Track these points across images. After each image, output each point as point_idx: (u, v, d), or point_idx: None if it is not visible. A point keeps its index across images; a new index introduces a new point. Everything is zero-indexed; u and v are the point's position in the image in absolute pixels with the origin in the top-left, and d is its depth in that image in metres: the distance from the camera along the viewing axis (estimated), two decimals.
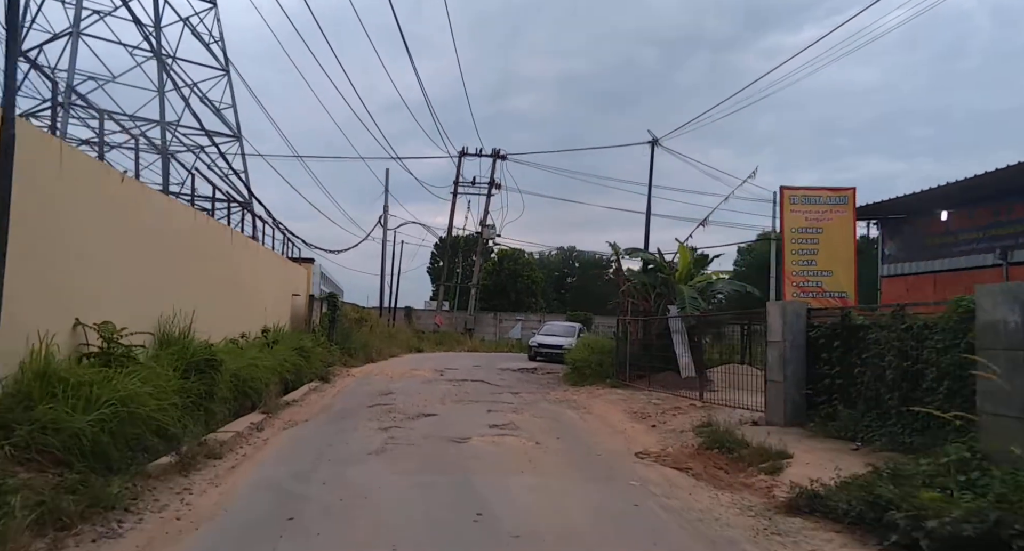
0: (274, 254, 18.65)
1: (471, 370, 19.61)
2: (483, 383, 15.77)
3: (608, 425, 9.79)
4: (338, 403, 11.88)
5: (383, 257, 34.95)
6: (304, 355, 15.80)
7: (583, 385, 15.27)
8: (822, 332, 8.14)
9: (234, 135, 31.00)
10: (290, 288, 20.34)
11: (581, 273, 65.38)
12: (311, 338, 18.39)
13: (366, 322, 27.92)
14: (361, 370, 19.08)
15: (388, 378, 16.73)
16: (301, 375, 14.82)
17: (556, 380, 17.23)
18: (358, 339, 23.43)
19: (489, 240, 37.08)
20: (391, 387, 14.39)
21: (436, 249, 61.50)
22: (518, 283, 46.46)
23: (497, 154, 36.35)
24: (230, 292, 13.68)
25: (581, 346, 17.25)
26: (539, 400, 12.66)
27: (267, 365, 12.20)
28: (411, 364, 21.37)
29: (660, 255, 15.95)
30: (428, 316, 38.13)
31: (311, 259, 23.57)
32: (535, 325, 38.24)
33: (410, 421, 9.67)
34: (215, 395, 9.11)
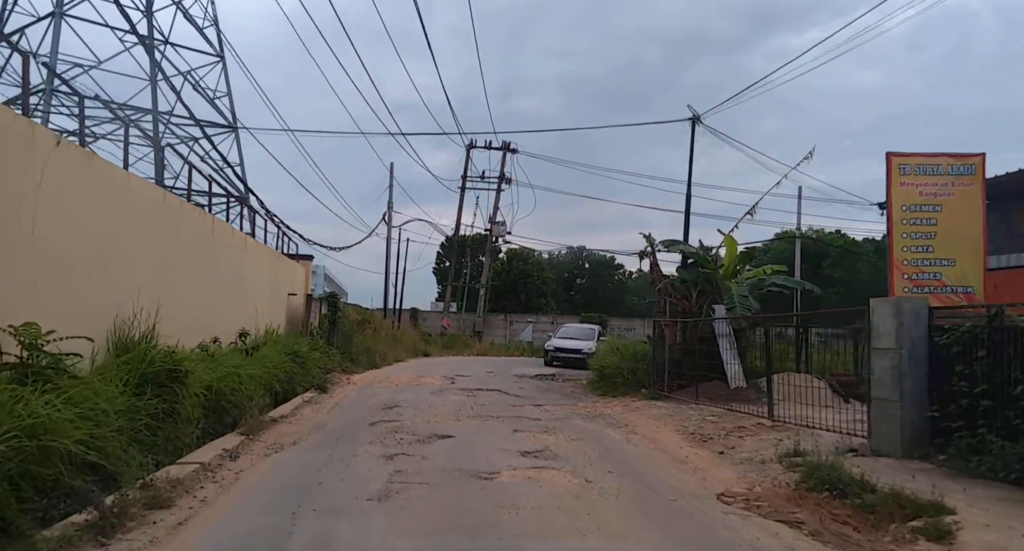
0: (266, 248, 16.89)
1: (484, 377, 17.79)
2: (500, 393, 13.96)
3: (664, 450, 7.96)
4: (335, 419, 10.08)
5: (387, 255, 33.21)
6: (299, 361, 14.02)
7: (615, 396, 13.45)
8: (956, 337, 6.29)
9: (229, 126, 29.31)
10: (286, 287, 18.58)
11: (591, 274, 63.50)
12: (308, 342, 16.61)
13: (369, 324, 26.14)
14: (363, 377, 17.28)
15: (393, 387, 14.94)
16: (295, 384, 13.05)
17: (581, 389, 15.41)
18: (360, 343, 21.66)
19: (499, 238, 35.29)
20: (397, 398, 12.60)
21: (442, 249, 59.78)
22: (528, 284, 44.67)
23: (507, 147, 34.59)
24: (211, 289, 11.91)
25: (608, 351, 15.42)
26: (569, 415, 10.84)
27: (253, 374, 10.42)
28: (418, 370, 19.57)
29: (703, 248, 14.11)
30: (435, 318, 36.34)
31: (309, 256, 21.84)
32: (547, 328, 36.44)
33: (421, 445, 7.87)
34: (178, 415, 7.34)
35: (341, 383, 15.43)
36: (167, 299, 9.43)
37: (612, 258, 61.06)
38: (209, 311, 11.68)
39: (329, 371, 16.71)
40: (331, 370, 16.96)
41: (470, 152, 34.69)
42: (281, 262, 18.29)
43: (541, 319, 37.25)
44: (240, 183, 27.09)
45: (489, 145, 34.54)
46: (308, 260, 21.60)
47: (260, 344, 13.97)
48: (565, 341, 23.08)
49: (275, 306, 17.16)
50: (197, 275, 11.14)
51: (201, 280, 11.34)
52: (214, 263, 12.06)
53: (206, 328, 11.09)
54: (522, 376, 18.66)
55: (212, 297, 11.95)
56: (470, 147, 34.59)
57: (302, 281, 20.92)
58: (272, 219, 21.13)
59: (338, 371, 17.41)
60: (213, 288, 12.02)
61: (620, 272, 64.26)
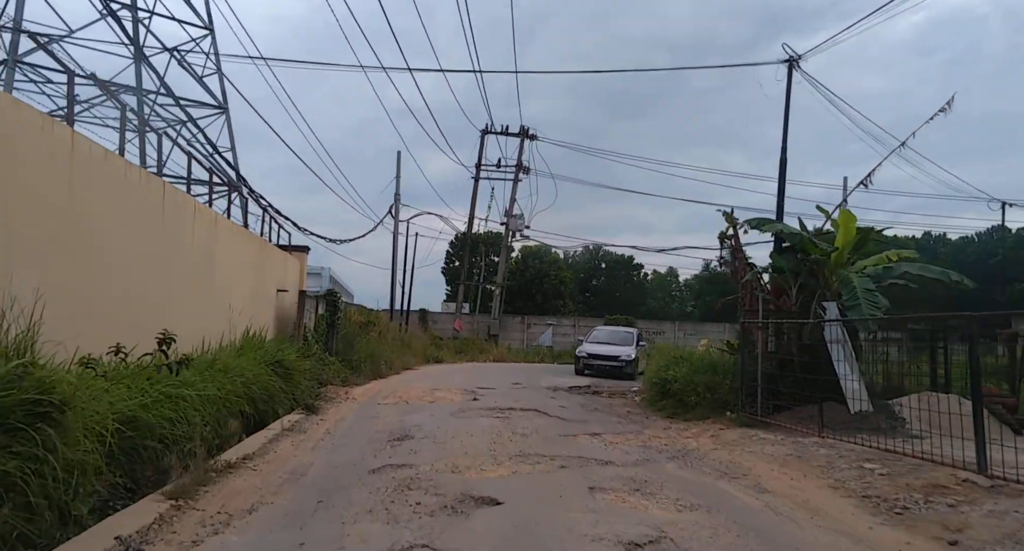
0: (249, 233, 13.88)
1: (512, 391, 14.75)
2: (540, 414, 10.92)
3: (846, 532, 4.89)
4: (320, 461, 7.05)
5: (394, 251, 30.21)
6: (283, 373, 11.05)
7: (688, 419, 10.39)
8: None
9: (219, 106, 26.38)
10: (274, 282, 15.59)
11: (608, 274, 60.39)
12: (297, 348, 13.62)
13: (374, 327, 23.13)
14: (366, 390, 14.27)
15: (403, 405, 11.93)
16: (275, 404, 10.05)
17: (637, 408, 12.36)
18: (363, 348, 18.66)
19: (517, 232, 32.23)
20: (407, 423, 9.59)
21: (452, 248, 56.83)
22: (544, 284, 41.61)
23: (525, 133, 31.52)
24: (160, 275, 8.93)
25: (671, 360, 12.39)
26: (649, 453, 7.77)
27: (209, 395, 7.45)
28: (431, 380, 16.55)
29: (804, 228, 10.97)
30: (445, 320, 33.31)
31: (304, 247, 18.83)
32: (568, 331, 33.40)
33: (450, 519, 4.85)
34: (44, 476, 4.33)
35: (338, 399, 12.41)
36: (74, 285, 6.44)
37: (631, 257, 57.97)
38: (156, 306, 8.69)
39: (324, 384, 13.72)
40: (327, 382, 13.97)
41: (484, 138, 31.69)
42: (269, 252, 15.30)
43: (562, 321, 34.16)
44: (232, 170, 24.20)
45: (506, 130, 31.51)
46: (303, 252, 18.62)
47: (238, 350, 11.05)
48: (599, 347, 20.00)
49: (260, 304, 14.18)
50: (136, 252, 8.16)
51: (144, 262, 8.36)
52: (166, 240, 9.08)
53: (147, 329, 8.11)
54: (556, 389, 15.60)
55: (161, 286, 8.97)
56: (485, 132, 31.56)
57: (295, 276, 17.94)
58: (257, 200, 18.21)
59: (336, 383, 14.42)
60: (163, 274, 9.03)
61: (638, 272, 61.13)
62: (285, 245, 17.99)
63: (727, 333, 33.04)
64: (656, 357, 15.62)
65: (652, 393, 12.27)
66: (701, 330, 34.48)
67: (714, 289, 54.74)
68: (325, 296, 18.65)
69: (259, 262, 14.15)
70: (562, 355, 30.73)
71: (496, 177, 32.61)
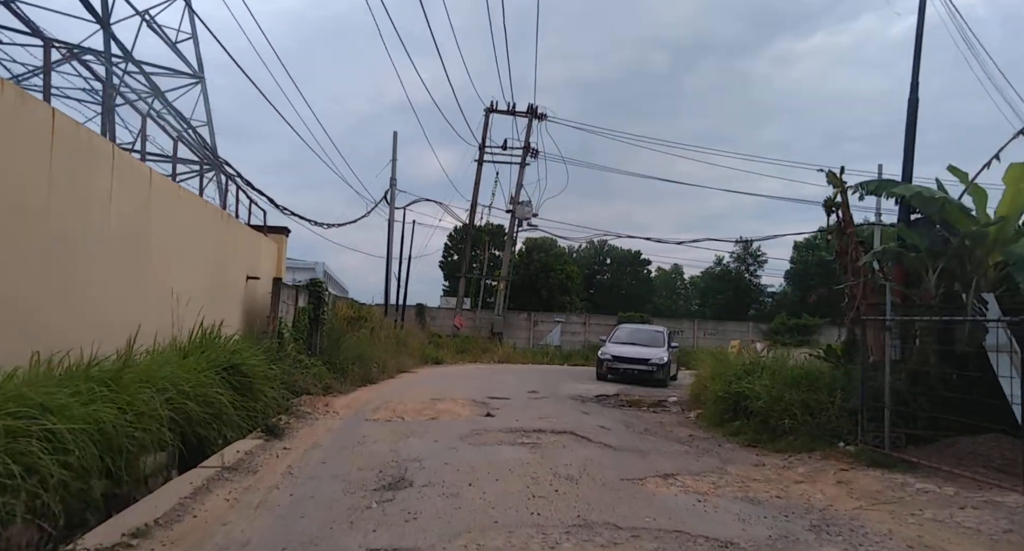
0: (202, 202, 11.09)
1: (531, 402, 12.08)
2: (579, 440, 8.23)
3: None
4: (260, 540, 4.34)
5: (389, 238, 27.47)
6: (240, 382, 8.37)
7: (783, 450, 7.70)
8: None
9: (194, 75, 23.62)
10: (242, 266, 12.87)
11: (615, 270, 57.73)
12: (266, 348, 10.90)
13: (366, 322, 20.43)
14: (352, 400, 11.56)
15: (396, 422, 9.25)
16: (224, 425, 7.36)
17: (692, 427, 9.69)
18: (352, 347, 15.96)
19: (523, 221, 29.52)
20: (404, 456, 6.91)
21: (450, 241, 54.08)
22: (550, 279, 38.89)
23: (534, 112, 28.79)
24: (56, 255, 6.20)
25: (737, 369, 9.72)
26: (779, 523, 5.08)
27: (89, 427, 4.79)
28: (431, 387, 13.85)
29: (943, 191, 8.17)
30: (444, 316, 30.58)
31: (283, 228, 16.09)
32: (577, 329, 30.73)
33: None
34: None
35: (314, 415, 9.69)
36: None
37: (638, 252, 55.27)
38: (36, 292, 5.98)
39: (300, 393, 11.03)
40: (304, 391, 11.27)
41: (490, 116, 28.91)
42: (235, 230, 12.56)
43: (571, 319, 31.44)
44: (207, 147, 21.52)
45: (512, 108, 28.77)
46: (281, 234, 15.89)
47: (183, 351, 8.38)
48: (626, 348, 17.29)
49: (222, 293, 11.46)
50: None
51: (20, 228, 5.63)
52: (60, 194, 6.33)
53: (25, 328, 5.42)
54: (583, 399, 12.93)
55: (47, 264, 6.23)
56: (490, 110, 28.80)
57: (272, 261, 15.23)
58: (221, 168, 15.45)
59: (316, 391, 11.72)
60: (54, 247, 6.29)
61: (644, 268, 58.47)
62: (260, 226, 15.25)
63: (751, 332, 30.44)
64: (704, 362, 12.96)
65: (715, 409, 9.58)
66: (722, 329, 31.87)
67: (726, 287, 52.21)
68: (308, 286, 15.94)
69: (221, 241, 11.42)
70: (572, 356, 28.08)
71: (502, 160, 29.90)
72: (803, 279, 51.83)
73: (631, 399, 13.87)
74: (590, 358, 27.50)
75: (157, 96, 20.98)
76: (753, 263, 49.96)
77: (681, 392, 15.47)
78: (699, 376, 13.05)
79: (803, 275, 52.06)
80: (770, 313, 47.87)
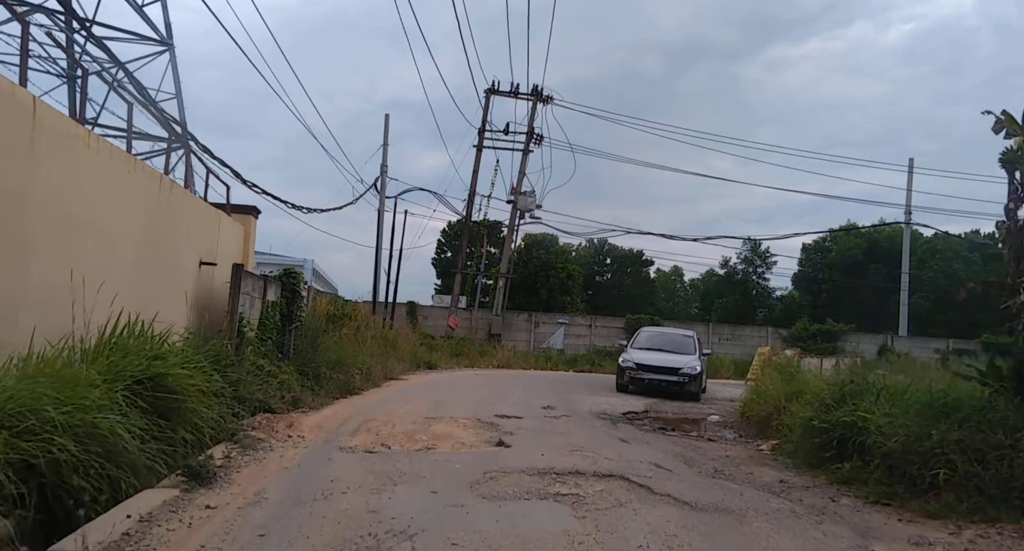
0: (128, 157, 8.46)
1: (550, 423, 9.67)
2: (633, 487, 5.83)
3: None
4: None
5: (379, 229, 24.98)
6: (160, 401, 5.97)
7: (937, 515, 5.31)
8: None
9: (162, 41, 21.08)
10: (193, 249, 10.39)
11: (615, 271, 55.43)
12: (213, 352, 8.44)
13: (351, 321, 17.99)
14: (325, 419, 9.10)
15: (380, 454, 6.85)
16: (121, 473, 4.92)
17: (772, 465, 7.31)
18: (331, 350, 13.52)
19: (526, 213, 27.12)
20: (386, 519, 4.51)
21: (444, 237, 51.70)
22: (550, 278, 36.47)
23: (539, 95, 26.38)
24: None
25: (833, 390, 7.32)
26: None
27: None
28: (426, 400, 11.43)
29: None
30: (438, 315, 28.08)
31: (251, 207, 13.58)
32: (582, 332, 28.33)
33: None
34: None
35: (270, 441, 7.24)
36: None
37: (639, 253, 52.95)
38: None
39: (257, 410, 8.59)
40: (263, 406, 8.83)
41: (490, 99, 26.47)
42: (180, 200, 10.04)
43: (576, 320, 28.99)
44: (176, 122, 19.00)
45: (515, 90, 26.34)
46: (249, 214, 13.38)
47: (89, 358, 5.98)
48: (652, 355, 14.87)
49: (159, 280, 8.99)
50: None
51: None
52: None
53: None
54: (611, 419, 10.54)
55: None
56: (491, 92, 26.35)
57: (236, 246, 12.77)
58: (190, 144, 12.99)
59: (281, 406, 9.26)
60: None
61: (646, 269, 56.25)
62: (221, 204, 12.76)
63: (769, 338, 28.13)
64: (764, 374, 10.65)
65: (807, 444, 7.17)
66: (739, 334, 29.55)
67: (732, 289, 49.94)
68: (280, 277, 13.47)
69: (161, 213, 8.94)
70: (577, 360, 25.70)
71: (503, 146, 27.46)
72: (811, 283, 49.76)
73: (665, 417, 11.53)
74: (597, 364, 25.16)
75: (115, 63, 18.46)
76: (761, 264, 47.65)
77: (720, 408, 13.12)
78: (758, 391, 10.70)
79: (811, 279, 49.97)
80: (779, 317, 45.73)
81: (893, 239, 42.51)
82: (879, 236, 42.70)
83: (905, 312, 28.49)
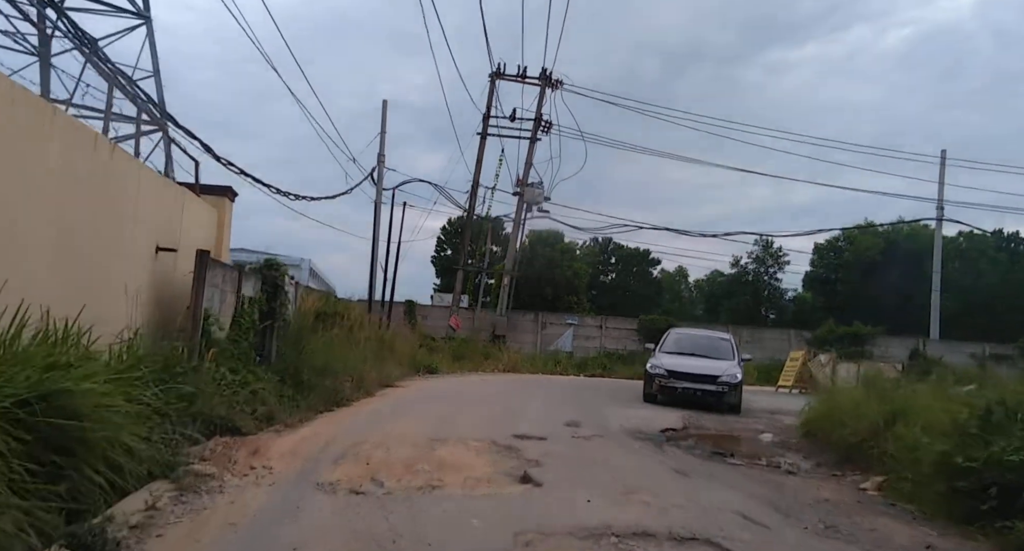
0: (45, 106, 6.60)
1: (581, 447, 7.87)
2: None
3: None
4: None
5: (376, 222, 23.14)
6: (48, 432, 4.11)
7: None
8: None
9: (137, 13, 19.25)
10: (145, 230, 8.54)
11: (621, 270, 53.62)
12: (162, 359, 6.64)
13: (343, 320, 16.14)
14: (304, 441, 7.27)
15: (368, 497, 5.07)
16: None
17: (893, 514, 5.50)
18: (318, 354, 11.72)
19: (533, 205, 25.35)
20: None
21: (444, 235, 49.92)
22: (556, 276, 34.70)
23: (547, 79, 24.57)
24: None
25: (975, 418, 5.53)
26: None
27: None
28: (428, 414, 9.61)
29: None
30: (437, 315, 26.27)
31: (226, 188, 11.72)
32: (592, 333, 26.53)
33: None
34: None
35: (223, 478, 5.42)
36: None
37: (646, 251, 51.11)
38: None
39: (214, 433, 6.78)
40: (226, 427, 7.01)
41: (495, 83, 24.66)
42: (126, 170, 8.18)
43: (586, 321, 27.17)
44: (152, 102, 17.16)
45: (523, 74, 24.53)
46: (223, 196, 11.53)
47: None
48: (685, 361, 13.01)
49: (99, 270, 7.17)
50: None
51: None
52: None
53: None
54: (653, 440, 8.74)
55: None
56: (496, 75, 24.53)
57: (206, 231, 10.95)
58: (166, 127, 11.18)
59: (249, 424, 7.46)
60: None
61: (652, 268, 54.44)
62: (190, 184, 10.93)
63: (792, 341, 26.28)
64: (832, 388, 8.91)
65: (933, 488, 5.37)
66: (760, 337, 27.75)
67: (742, 289, 48.15)
68: (260, 269, 11.65)
69: (95, 184, 7.11)
70: (588, 364, 23.91)
71: (509, 134, 25.64)
72: (824, 284, 47.98)
73: (709, 434, 9.76)
74: (610, 368, 23.38)
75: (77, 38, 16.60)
76: (774, 264, 45.81)
77: (767, 423, 11.34)
78: (829, 405, 8.92)
79: (824, 279, 48.21)
80: (791, 320, 43.97)
81: (913, 238, 40.73)
82: (898, 235, 40.91)
83: (937, 314, 26.71)
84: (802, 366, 18.05)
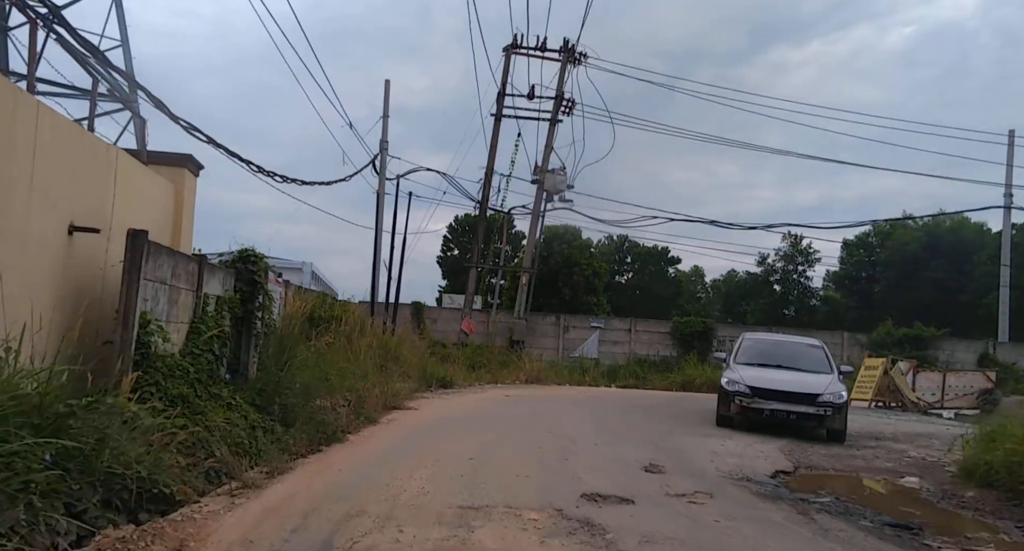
0: None
1: (686, 515, 5.21)
2: None
3: None
4: None
5: (378, 215, 20.55)
6: None
7: None
8: None
9: None
10: (45, 203, 5.92)
11: (638, 269, 50.95)
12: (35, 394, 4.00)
13: (340, 325, 13.55)
14: (264, 515, 4.61)
15: None
16: None
17: None
18: (306, 369, 9.15)
19: (555, 195, 22.72)
20: None
21: (451, 233, 47.43)
22: (574, 275, 32.05)
23: (570, 52, 21.92)
24: None
25: None
26: None
27: None
28: (452, 456, 6.96)
29: None
30: (448, 318, 23.62)
31: (187, 158, 9.06)
32: (620, 337, 23.80)
33: None
34: None
35: None
36: None
37: (665, 250, 48.45)
38: None
39: (124, 508, 4.16)
40: (151, 495, 4.42)
41: (510, 57, 22.02)
42: (17, 112, 5.60)
43: (612, 324, 24.44)
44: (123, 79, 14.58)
45: (542, 46, 21.87)
46: (182, 168, 8.91)
47: None
48: (772, 375, 10.26)
49: None
50: None
51: None
52: None
53: None
54: (786, 499, 6.10)
55: None
56: (512, 48, 21.87)
57: (160, 211, 8.34)
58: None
59: (189, 487, 4.86)
60: None
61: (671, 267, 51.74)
62: (135, 151, 8.32)
63: (845, 345, 23.54)
64: None
65: None
66: None
67: (766, 289, 45.42)
68: (234, 263, 9.08)
69: None
70: (618, 373, 21.27)
71: (527, 116, 22.97)
72: (855, 282, 45.25)
73: (831, 479, 7.13)
74: (643, 377, 20.72)
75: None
76: (803, 262, 43.06)
77: (885, 455, 8.70)
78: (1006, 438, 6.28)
79: (853, 277, 45.47)
80: (822, 320, 41.26)
81: (956, 232, 38.00)
82: (939, 229, 38.16)
83: (1007, 314, 23.99)
84: (883, 376, 15.39)
